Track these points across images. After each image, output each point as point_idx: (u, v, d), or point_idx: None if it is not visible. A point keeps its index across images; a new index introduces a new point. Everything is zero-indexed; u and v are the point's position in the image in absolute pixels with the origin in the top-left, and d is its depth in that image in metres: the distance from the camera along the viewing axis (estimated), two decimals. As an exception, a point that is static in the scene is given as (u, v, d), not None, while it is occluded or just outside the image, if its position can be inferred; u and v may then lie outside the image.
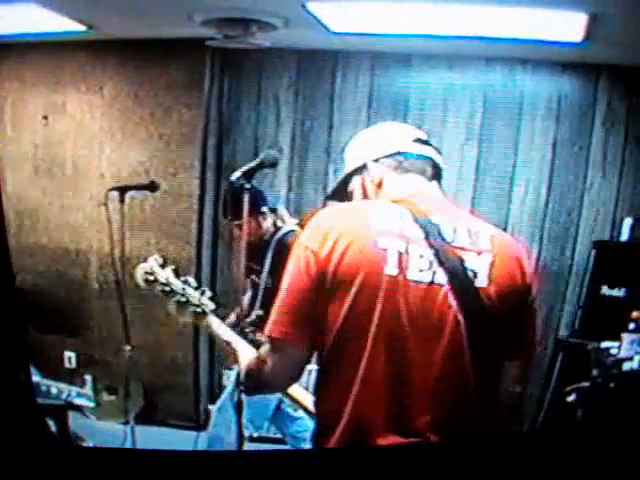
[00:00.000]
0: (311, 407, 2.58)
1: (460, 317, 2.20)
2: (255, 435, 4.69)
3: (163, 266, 2.73)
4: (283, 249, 4.51)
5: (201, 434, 5.36)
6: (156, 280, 2.70)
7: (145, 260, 2.82)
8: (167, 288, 2.67)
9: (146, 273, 2.74)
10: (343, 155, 2.61)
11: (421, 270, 2.20)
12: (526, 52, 5.63)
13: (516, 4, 4.48)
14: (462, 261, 2.24)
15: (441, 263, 2.21)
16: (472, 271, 2.24)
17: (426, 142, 2.49)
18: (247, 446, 4.43)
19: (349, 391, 2.20)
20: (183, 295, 2.63)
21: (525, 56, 5.79)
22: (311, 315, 2.22)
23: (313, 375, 2.33)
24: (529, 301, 2.35)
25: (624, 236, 5.75)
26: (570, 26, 4.71)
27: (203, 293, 2.66)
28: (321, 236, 2.21)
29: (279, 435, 5.25)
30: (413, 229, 2.24)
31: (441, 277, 2.21)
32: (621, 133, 5.82)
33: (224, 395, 4.82)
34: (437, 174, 2.48)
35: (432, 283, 2.20)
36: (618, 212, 5.86)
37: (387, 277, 2.17)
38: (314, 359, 2.31)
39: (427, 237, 2.24)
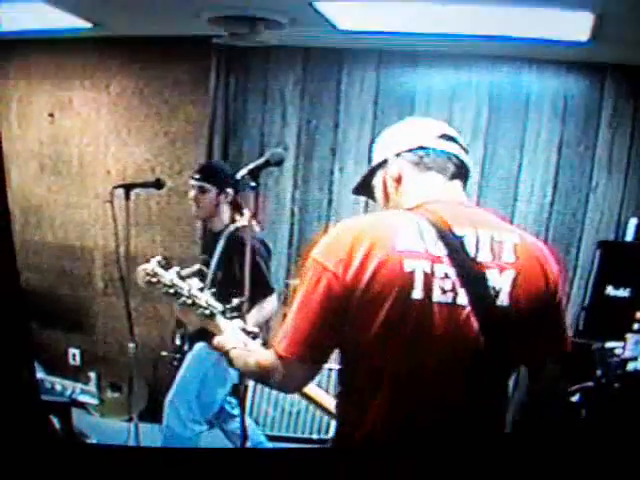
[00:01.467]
0: (329, 406, 2.57)
1: (482, 337, 2.17)
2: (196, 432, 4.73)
3: (167, 268, 2.70)
4: (233, 244, 4.55)
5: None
6: (159, 282, 2.68)
7: (148, 261, 2.79)
8: (172, 290, 2.63)
9: (147, 275, 2.71)
10: (372, 149, 2.55)
11: (444, 291, 2.16)
12: (532, 52, 5.62)
13: (522, 4, 4.47)
14: (485, 279, 2.20)
15: (463, 283, 2.17)
16: (494, 289, 2.19)
17: (452, 139, 2.42)
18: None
19: (371, 406, 2.18)
20: (189, 297, 2.60)
21: (531, 55, 5.78)
22: (328, 336, 2.19)
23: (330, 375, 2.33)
24: (554, 306, 2.32)
25: (629, 236, 5.74)
26: (576, 26, 4.71)
27: (212, 295, 2.62)
28: (343, 256, 2.14)
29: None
30: (437, 246, 2.19)
31: (463, 298, 2.16)
32: (627, 133, 5.81)
33: (174, 388, 4.80)
34: (461, 173, 2.41)
35: (454, 304, 2.16)
36: (623, 212, 5.85)
37: (414, 301, 2.13)
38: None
39: (450, 254, 2.18)
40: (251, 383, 5.26)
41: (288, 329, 2.21)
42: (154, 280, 2.68)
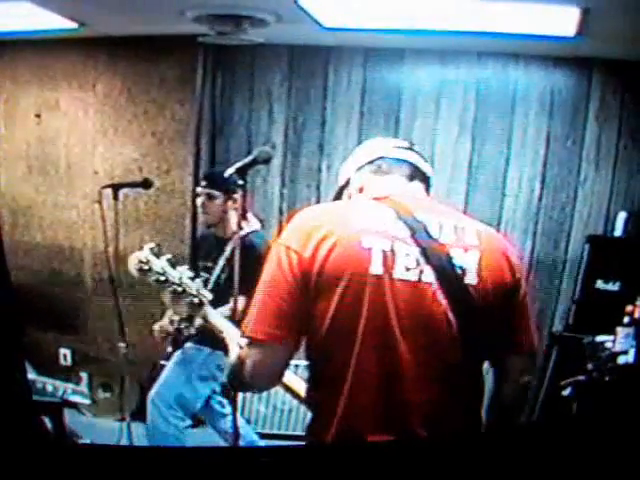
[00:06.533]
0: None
1: (451, 315, 2.19)
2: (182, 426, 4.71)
3: (158, 255, 2.70)
4: (244, 248, 4.50)
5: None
6: (150, 269, 2.67)
7: (140, 248, 2.78)
8: (162, 278, 2.63)
9: (140, 262, 2.71)
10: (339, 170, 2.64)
11: (408, 269, 2.20)
12: (519, 47, 5.63)
13: (509, -1, 4.49)
14: (450, 258, 2.23)
15: (428, 261, 2.21)
16: (460, 268, 2.23)
17: (409, 149, 2.51)
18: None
19: (340, 390, 2.19)
20: (180, 285, 2.60)
21: (518, 51, 5.79)
22: (294, 315, 2.20)
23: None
24: (520, 295, 2.34)
25: (618, 230, 5.76)
26: (563, 21, 4.72)
27: (204, 283, 2.63)
28: (304, 236, 2.20)
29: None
30: (398, 227, 2.24)
31: (429, 275, 2.20)
32: (614, 127, 5.83)
33: (157, 386, 4.78)
34: (420, 177, 2.48)
35: (419, 281, 2.20)
36: (612, 206, 5.87)
37: (373, 276, 2.17)
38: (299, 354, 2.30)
39: (413, 235, 2.23)
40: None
41: (257, 311, 2.23)
42: (145, 268, 2.68)
